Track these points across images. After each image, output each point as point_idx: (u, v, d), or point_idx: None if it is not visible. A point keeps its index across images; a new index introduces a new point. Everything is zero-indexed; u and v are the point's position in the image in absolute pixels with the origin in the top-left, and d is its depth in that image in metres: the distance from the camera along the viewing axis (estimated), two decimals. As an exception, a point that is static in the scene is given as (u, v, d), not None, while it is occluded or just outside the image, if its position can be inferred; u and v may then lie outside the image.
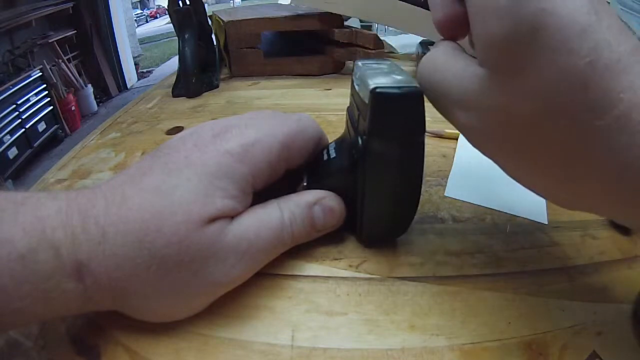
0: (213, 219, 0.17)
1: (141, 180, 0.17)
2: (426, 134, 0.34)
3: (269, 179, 0.20)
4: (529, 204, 0.26)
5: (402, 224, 0.23)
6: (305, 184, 0.23)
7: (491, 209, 0.26)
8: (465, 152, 0.32)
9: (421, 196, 0.21)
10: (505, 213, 0.26)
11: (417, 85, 0.18)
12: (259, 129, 0.20)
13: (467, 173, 0.28)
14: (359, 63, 0.22)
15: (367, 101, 0.19)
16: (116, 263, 0.16)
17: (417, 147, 0.19)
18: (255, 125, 0.20)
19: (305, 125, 0.22)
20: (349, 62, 0.56)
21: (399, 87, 0.18)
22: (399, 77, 0.19)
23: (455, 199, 0.27)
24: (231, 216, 0.18)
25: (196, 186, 0.17)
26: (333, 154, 0.22)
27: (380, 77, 0.19)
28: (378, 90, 0.18)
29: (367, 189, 0.20)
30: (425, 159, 0.20)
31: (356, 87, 0.21)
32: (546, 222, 0.25)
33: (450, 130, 0.35)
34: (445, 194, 0.27)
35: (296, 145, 0.21)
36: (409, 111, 0.19)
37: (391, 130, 0.19)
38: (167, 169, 0.18)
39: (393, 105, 0.18)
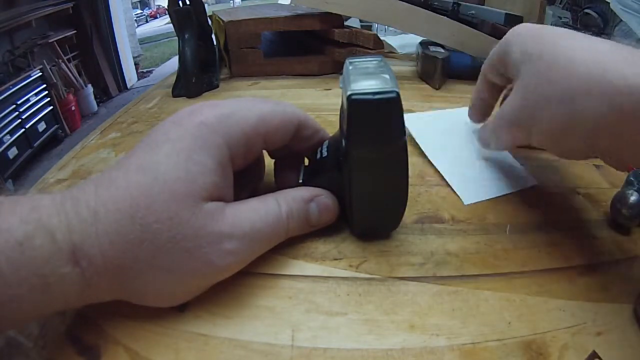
0: (203, 199, 0.18)
1: (126, 162, 0.18)
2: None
3: (247, 152, 0.20)
4: (517, 178, 0.29)
5: (391, 220, 0.23)
6: (300, 180, 0.23)
7: (499, 196, 0.27)
8: (444, 162, 0.31)
9: (421, 196, 0.21)
10: (505, 194, 0.27)
11: (396, 89, 0.18)
12: (236, 104, 0.21)
13: (463, 178, 0.29)
14: (348, 61, 0.22)
15: (346, 106, 0.19)
16: (109, 241, 0.16)
17: (398, 150, 0.20)
18: (232, 102, 0.21)
19: (285, 107, 0.22)
20: (349, 62, 0.56)
21: (374, 93, 0.18)
22: (383, 78, 0.19)
23: (456, 199, 0.27)
24: (218, 194, 0.19)
25: (176, 163, 0.18)
26: (325, 153, 0.23)
27: (362, 80, 0.19)
28: (354, 97, 0.18)
29: (353, 189, 0.21)
30: (426, 159, 0.20)
31: (341, 89, 0.21)
32: (536, 183, 0.28)
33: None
34: (465, 203, 0.26)
35: (274, 122, 0.21)
36: (386, 116, 0.19)
37: (370, 135, 0.19)
38: (148, 147, 0.18)
39: (370, 111, 0.18)
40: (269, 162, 0.26)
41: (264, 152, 0.24)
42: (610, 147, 0.19)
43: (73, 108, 2.77)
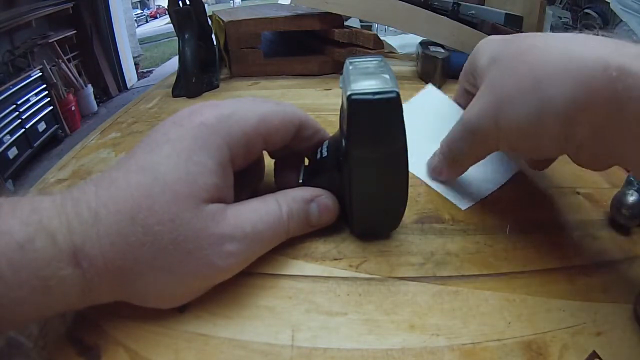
0: (204, 201, 0.18)
1: (126, 162, 0.18)
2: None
3: (247, 152, 0.20)
4: (502, 168, 0.28)
5: (391, 220, 0.23)
6: (300, 180, 0.23)
7: (494, 191, 0.27)
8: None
9: (421, 196, 0.21)
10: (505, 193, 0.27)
11: (396, 89, 0.18)
12: (236, 105, 0.20)
13: (451, 185, 0.28)
14: (348, 62, 0.22)
15: (345, 106, 0.19)
16: (110, 242, 0.16)
17: (398, 150, 0.20)
18: (233, 102, 0.21)
19: (285, 107, 0.22)
20: (349, 62, 0.56)
21: (374, 93, 0.18)
22: (383, 78, 0.19)
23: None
24: (218, 195, 0.19)
25: (176, 163, 0.18)
26: (325, 153, 0.23)
27: (362, 80, 0.19)
28: (354, 97, 0.18)
29: (353, 189, 0.21)
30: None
31: (341, 89, 0.21)
32: (519, 169, 0.28)
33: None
34: (463, 209, 0.26)
35: (274, 123, 0.21)
36: (386, 116, 0.19)
37: (370, 135, 0.19)
38: (149, 148, 0.18)
39: (370, 111, 0.18)
40: (269, 162, 0.26)
41: (264, 152, 0.24)
42: (586, 138, 0.18)
43: (73, 108, 2.77)
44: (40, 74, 2.52)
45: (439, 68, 0.47)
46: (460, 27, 0.51)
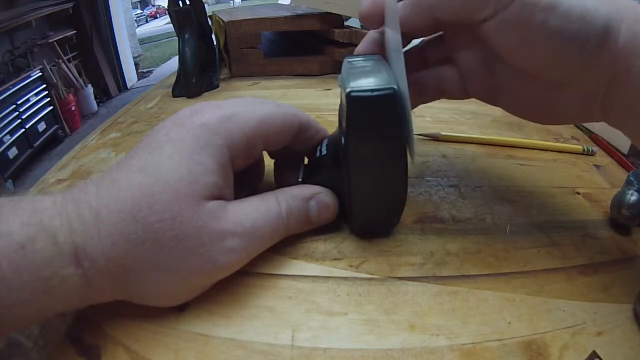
0: (204, 198, 0.18)
1: (127, 163, 0.18)
2: (422, 137, 0.35)
3: (247, 153, 0.20)
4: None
5: (391, 218, 0.23)
6: (300, 179, 0.23)
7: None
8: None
9: (421, 196, 0.21)
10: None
11: (394, 86, 0.19)
12: (237, 106, 0.20)
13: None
14: (346, 60, 0.22)
15: (345, 104, 0.19)
16: (112, 241, 0.16)
17: (396, 146, 0.20)
18: (233, 103, 0.21)
19: (286, 109, 0.22)
20: (349, 62, 0.56)
21: (372, 90, 0.18)
22: (381, 76, 0.19)
23: (456, 199, 0.27)
24: (219, 194, 0.19)
25: (178, 163, 0.18)
26: (324, 151, 0.23)
27: (361, 78, 0.19)
28: (353, 93, 0.18)
29: (352, 186, 0.21)
30: (426, 160, 0.20)
31: (340, 87, 0.21)
32: None
33: (446, 132, 0.35)
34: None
35: (275, 125, 0.21)
36: (384, 113, 0.19)
37: (368, 132, 0.19)
38: (150, 148, 0.18)
39: (368, 107, 0.19)
40: (269, 161, 0.26)
41: (264, 152, 0.24)
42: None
43: (73, 108, 2.77)
44: (40, 74, 2.52)
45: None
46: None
